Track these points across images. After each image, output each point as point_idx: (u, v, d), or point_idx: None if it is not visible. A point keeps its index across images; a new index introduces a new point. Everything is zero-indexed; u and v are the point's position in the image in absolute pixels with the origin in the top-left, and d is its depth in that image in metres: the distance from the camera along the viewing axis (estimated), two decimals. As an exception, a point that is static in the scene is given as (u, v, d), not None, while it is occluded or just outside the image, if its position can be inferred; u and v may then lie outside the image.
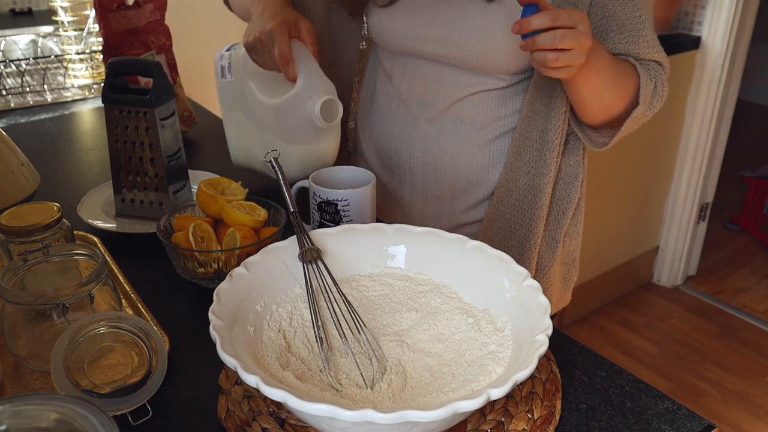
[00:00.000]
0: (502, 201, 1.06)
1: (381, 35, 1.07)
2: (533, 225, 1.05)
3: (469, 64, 1.00)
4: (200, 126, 1.47)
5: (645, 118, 0.98)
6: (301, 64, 0.98)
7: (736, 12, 2.23)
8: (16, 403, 0.47)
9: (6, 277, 0.71)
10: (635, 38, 0.95)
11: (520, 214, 1.05)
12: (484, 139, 1.05)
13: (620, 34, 0.95)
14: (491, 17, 0.96)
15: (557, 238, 1.09)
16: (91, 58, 1.83)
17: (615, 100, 0.95)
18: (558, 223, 1.08)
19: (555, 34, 0.79)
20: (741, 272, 2.82)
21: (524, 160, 1.03)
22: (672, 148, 2.49)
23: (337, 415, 0.52)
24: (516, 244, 1.07)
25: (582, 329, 2.48)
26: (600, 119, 0.98)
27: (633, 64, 0.95)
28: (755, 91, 4.64)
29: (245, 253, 0.82)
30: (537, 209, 1.04)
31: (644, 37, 0.95)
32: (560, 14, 0.79)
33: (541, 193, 1.03)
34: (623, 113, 0.97)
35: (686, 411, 0.67)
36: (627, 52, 0.96)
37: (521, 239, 1.06)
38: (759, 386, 2.21)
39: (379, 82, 1.13)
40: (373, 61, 1.15)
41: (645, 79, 0.94)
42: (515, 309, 0.68)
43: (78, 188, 1.17)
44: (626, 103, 0.96)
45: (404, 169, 1.11)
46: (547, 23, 0.79)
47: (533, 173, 1.03)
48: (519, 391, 0.68)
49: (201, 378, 0.72)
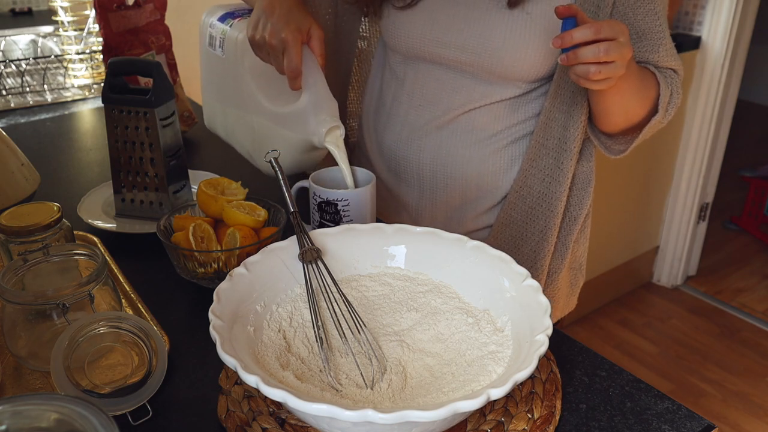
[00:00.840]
0: (514, 207, 1.05)
1: (397, 38, 1.04)
2: (547, 233, 1.04)
3: (487, 70, 0.98)
4: (200, 126, 1.47)
5: (661, 125, 0.98)
6: (310, 80, 0.94)
7: (736, 12, 2.23)
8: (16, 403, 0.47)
9: (6, 277, 0.71)
10: (656, 47, 0.95)
11: (533, 221, 1.04)
12: (496, 146, 1.03)
13: (640, 43, 0.95)
14: (513, 24, 0.94)
15: (567, 244, 1.08)
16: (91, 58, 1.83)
17: (638, 109, 0.94)
18: (569, 229, 1.07)
19: (599, 47, 0.77)
20: (741, 272, 2.82)
21: (539, 168, 1.02)
22: (672, 148, 2.49)
23: (337, 415, 0.52)
24: (528, 252, 1.06)
25: (582, 329, 2.48)
26: (620, 127, 0.97)
27: (653, 72, 0.95)
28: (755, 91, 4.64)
29: (245, 253, 0.82)
30: (551, 217, 1.03)
31: (664, 45, 0.95)
32: (602, 26, 0.78)
33: (557, 201, 1.02)
34: (642, 121, 0.97)
35: (686, 411, 0.67)
36: (647, 60, 0.96)
37: (534, 246, 1.05)
38: (759, 386, 2.21)
39: (387, 86, 1.11)
40: (380, 64, 1.13)
41: (663, 86, 0.94)
42: (515, 309, 0.68)
43: (78, 188, 1.18)
44: (646, 111, 0.96)
45: (412, 175, 1.09)
46: (589, 36, 0.77)
47: (548, 180, 1.02)
48: (519, 391, 0.68)
49: (201, 378, 0.72)
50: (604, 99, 0.92)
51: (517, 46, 0.94)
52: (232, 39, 1.04)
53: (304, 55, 0.94)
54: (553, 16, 0.93)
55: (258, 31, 0.94)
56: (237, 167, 1.22)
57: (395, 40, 1.05)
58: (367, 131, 1.16)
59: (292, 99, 0.98)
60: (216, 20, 1.08)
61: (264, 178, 1.15)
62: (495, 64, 0.96)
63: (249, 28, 0.95)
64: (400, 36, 1.03)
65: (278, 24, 0.92)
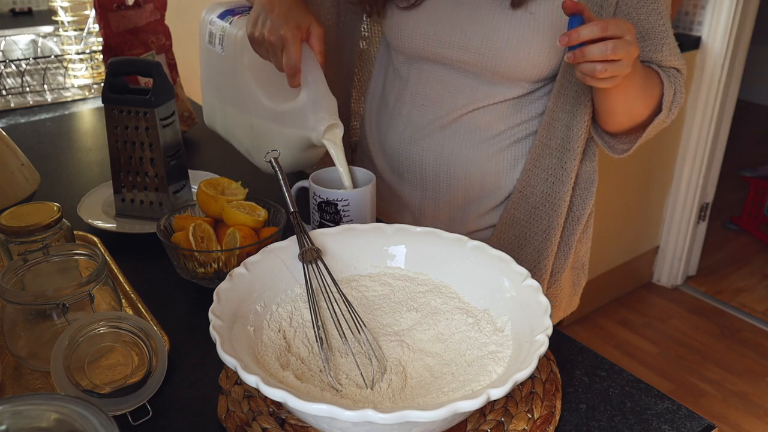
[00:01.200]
0: (517, 207, 1.05)
1: (400, 38, 1.04)
2: (550, 232, 1.04)
3: (491, 70, 0.98)
4: (200, 126, 1.47)
5: (664, 124, 0.97)
6: (309, 77, 0.94)
7: (736, 12, 2.23)
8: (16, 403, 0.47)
9: (6, 277, 0.71)
10: (659, 46, 0.95)
11: (536, 221, 1.04)
12: (499, 146, 1.03)
13: (644, 42, 0.95)
14: (516, 24, 0.94)
15: (570, 244, 1.08)
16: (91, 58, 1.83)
17: (642, 108, 0.94)
18: (572, 229, 1.07)
19: (606, 45, 0.77)
20: (741, 272, 2.82)
21: (543, 167, 1.02)
22: (672, 148, 2.49)
23: (337, 415, 0.52)
24: (532, 251, 1.06)
25: (582, 329, 2.48)
26: (624, 127, 0.97)
27: (656, 71, 0.95)
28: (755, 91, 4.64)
29: (245, 253, 0.82)
30: (554, 216, 1.03)
31: (667, 45, 0.95)
32: (609, 24, 0.77)
33: (560, 201, 1.02)
34: (645, 120, 0.97)
35: (686, 411, 0.67)
36: (650, 59, 0.96)
37: (537, 246, 1.05)
38: (759, 386, 2.21)
39: (390, 86, 1.11)
40: (383, 64, 1.13)
41: (667, 85, 0.94)
42: (515, 309, 0.68)
43: (78, 188, 1.17)
44: (650, 111, 0.96)
45: (415, 175, 1.08)
46: (597, 33, 0.77)
47: (551, 180, 1.02)
48: (519, 391, 0.68)
49: (201, 378, 0.72)
50: (609, 98, 0.92)
51: (521, 46, 0.94)
52: (232, 36, 1.04)
53: (304, 53, 0.94)
54: (556, 16, 0.93)
55: (257, 28, 0.94)
56: (237, 167, 1.22)
57: (399, 40, 1.04)
58: (370, 131, 1.15)
59: (291, 96, 0.97)
60: (216, 17, 1.08)
61: (264, 178, 1.15)
62: (498, 64, 0.96)
63: (248, 25, 0.95)
64: (404, 36, 1.03)
65: (277, 21, 0.92)
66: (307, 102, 0.94)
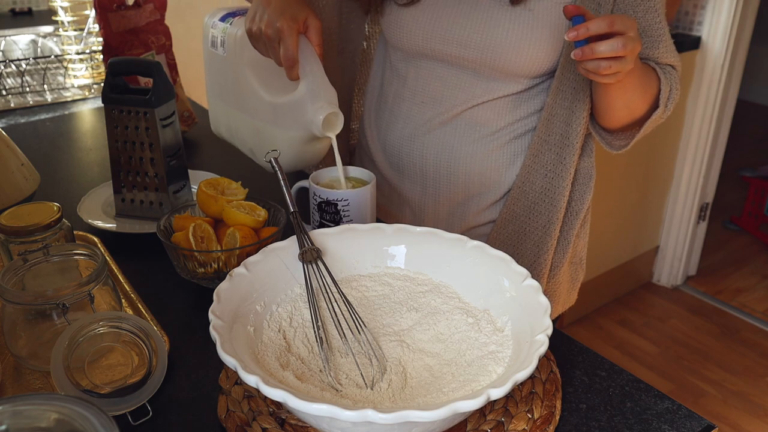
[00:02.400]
0: (517, 203, 1.05)
1: (399, 35, 1.04)
2: (549, 227, 1.04)
3: (490, 67, 0.98)
4: (200, 126, 1.47)
5: (661, 119, 0.98)
6: (307, 68, 0.94)
7: (736, 12, 2.23)
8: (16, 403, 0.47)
9: (6, 277, 0.71)
10: (656, 44, 0.96)
11: (535, 217, 1.05)
12: (499, 142, 1.04)
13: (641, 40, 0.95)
14: (515, 20, 0.95)
15: (569, 239, 1.09)
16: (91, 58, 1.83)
17: (640, 104, 0.95)
18: (571, 224, 1.08)
19: (617, 42, 0.78)
20: (741, 272, 2.82)
21: (542, 163, 1.02)
22: (672, 148, 2.49)
23: (337, 415, 0.52)
24: (531, 246, 1.06)
25: (582, 329, 2.48)
26: (622, 123, 0.98)
27: (653, 67, 0.96)
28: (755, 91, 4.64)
29: (245, 253, 0.82)
30: (554, 211, 1.03)
31: (664, 42, 0.96)
32: (615, 20, 0.78)
33: (559, 196, 1.02)
34: (643, 116, 0.97)
35: (686, 411, 0.67)
36: (647, 56, 0.97)
37: (537, 241, 1.06)
38: (759, 386, 2.21)
39: (389, 84, 1.11)
40: (381, 62, 1.13)
41: (664, 82, 0.95)
42: (515, 309, 0.68)
43: (78, 188, 1.18)
44: (648, 106, 0.96)
45: (416, 172, 1.09)
46: (604, 29, 0.77)
47: (551, 176, 1.02)
48: (519, 391, 0.68)
49: (201, 378, 0.72)
50: (608, 94, 0.92)
51: (520, 43, 0.95)
52: (232, 35, 1.04)
53: (301, 45, 0.94)
54: (555, 13, 0.94)
55: (255, 22, 0.94)
56: (237, 167, 1.22)
57: (397, 37, 1.05)
58: (369, 129, 1.16)
59: (290, 90, 0.97)
60: (217, 20, 1.08)
61: (264, 178, 1.16)
62: (497, 60, 0.97)
63: (246, 21, 0.96)
64: (403, 33, 1.03)
65: (274, 14, 0.92)
66: (306, 93, 0.94)
